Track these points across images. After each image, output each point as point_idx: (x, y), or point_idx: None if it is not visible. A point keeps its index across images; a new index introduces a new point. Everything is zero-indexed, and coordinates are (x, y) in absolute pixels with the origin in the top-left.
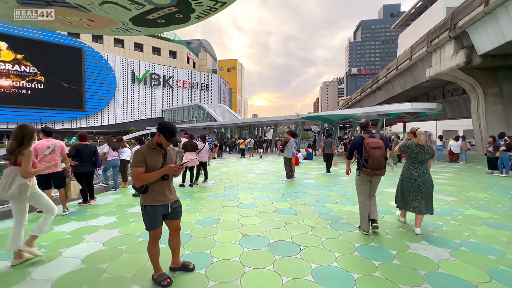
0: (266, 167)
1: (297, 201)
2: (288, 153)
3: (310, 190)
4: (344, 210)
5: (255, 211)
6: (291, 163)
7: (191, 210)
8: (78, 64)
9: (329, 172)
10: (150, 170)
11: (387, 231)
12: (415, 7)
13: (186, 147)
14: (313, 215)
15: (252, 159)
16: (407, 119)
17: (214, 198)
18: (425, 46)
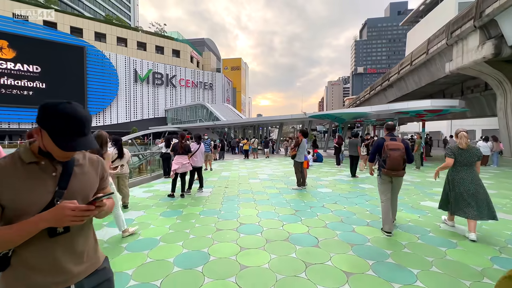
0: (272, 170)
1: (315, 222)
2: (300, 157)
3: (328, 203)
4: (385, 239)
5: (260, 238)
6: (303, 168)
7: (174, 236)
8: (80, 63)
9: (355, 176)
10: (17, 214)
11: None
12: (425, 3)
13: (176, 149)
14: (343, 247)
15: (257, 160)
16: (427, 117)
17: (208, 215)
18: (444, 39)
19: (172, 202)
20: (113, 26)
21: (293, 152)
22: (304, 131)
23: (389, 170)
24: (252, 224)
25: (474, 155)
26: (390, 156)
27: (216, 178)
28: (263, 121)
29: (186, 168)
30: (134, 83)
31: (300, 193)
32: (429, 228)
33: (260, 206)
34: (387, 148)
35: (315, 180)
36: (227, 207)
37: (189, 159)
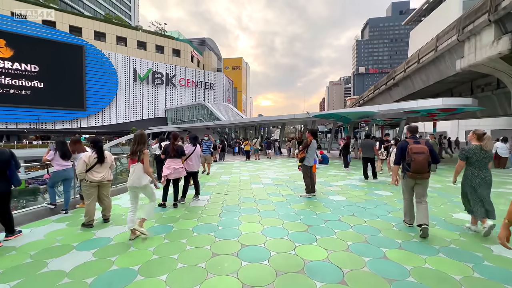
0: (276, 174)
1: (333, 242)
2: (309, 160)
3: (344, 215)
4: (429, 270)
5: (268, 269)
6: (312, 172)
7: (157, 266)
8: (79, 62)
9: (376, 179)
10: None
11: None
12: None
13: (167, 152)
14: (378, 284)
15: (258, 162)
16: (439, 117)
17: (203, 231)
18: (455, 34)
19: (162, 213)
20: (113, 25)
21: (301, 155)
22: (313, 130)
23: (414, 174)
24: (256, 246)
25: (490, 155)
26: (414, 159)
27: (215, 183)
28: (264, 121)
29: (180, 174)
30: (134, 82)
31: (310, 202)
32: (479, 252)
33: (265, 219)
34: (411, 151)
35: (324, 185)
36: (227, 220)
37: (183, 163)
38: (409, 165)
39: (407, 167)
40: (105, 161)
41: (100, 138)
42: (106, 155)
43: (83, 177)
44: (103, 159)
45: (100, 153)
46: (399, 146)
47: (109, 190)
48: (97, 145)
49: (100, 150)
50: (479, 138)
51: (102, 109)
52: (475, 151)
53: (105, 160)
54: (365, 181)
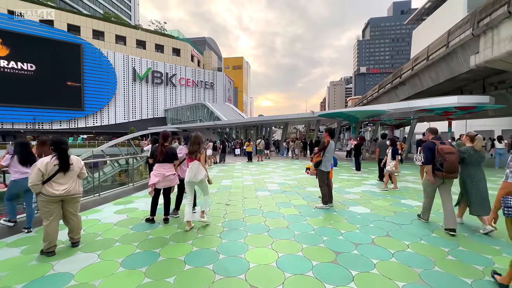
0: (282, 178)
1: (377, 283)
2: (326, 165)
3: (377, 235)
4: None
5: None
6: (329, 179)
7: None
8: (77, 61)
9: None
10: None
11: None
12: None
13: (155, 155)
14: None
15: (262, 164)
16: (456, 116)
17: (198, 263)
18: (469, 29)
19: (149, 232)
20: (112, 23)
21: (317, 158)
22: (330, 130)
23: (447, 173)
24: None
25: (484, 156)
26: (448, 159)
27: (215, 190)
28: (266, 120)
29: (171, 182)
30: (133, 82)
31: (329, 215)
32: None
33: (278, 241)
34: (443, 151)
35: (339, 192)
36: (229, 244)
37: (176, 169)
38: (442, 165)
39: (439, 167)
40: (70, 168)
41: (63, 138)
42: (72, 160)
43: (38, 190)
44: (68, 167)
45: (62, 159)
46: (428, 147)
47: (77, 206)
48: (59, 147)
49: (63, 154)
50: (472, 140)
51: (101, 109)
52: (469, 152)
53: (70, 167)
54: (385, 187)
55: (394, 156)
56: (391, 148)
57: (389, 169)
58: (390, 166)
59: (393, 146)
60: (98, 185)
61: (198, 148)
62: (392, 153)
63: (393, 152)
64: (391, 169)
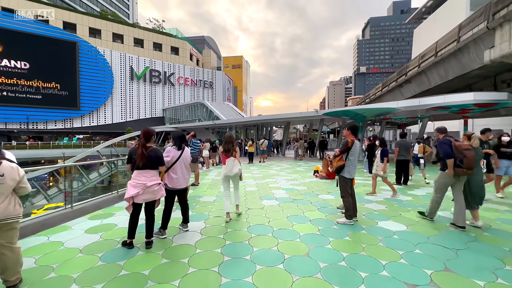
0: (289, 182)
1: None
2: (350, 170)
3: (433, 268)
4: None
5: None
6: (352, 186)
7: None
8: (73, 59)
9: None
10: None
11: None
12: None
13: (133, 160)
14: None
15: (264, 166)
16: (472, 113)
17: None
18: (483, 22)
19: (122, 264)
20: (109, 21)
21: (338, 162)
22: (354, 127)
23: (468, 170)
24: None
25: (480, 153)
26: (468, 155)
27: (214, 197)
28: (267, 119)
29: (155, 194)
30: (130, 81)
31: (357, 235)
32: None
33: (300, 281)
34: (462, 148)
35: (359, 200)
36: (232, 285)
37: (162, 178)
38: (461, 161)
39: (459, 164)
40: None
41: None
42: (3, 167)
43: None
44: None
45: None
46: (445, 144)
47: (11, 236)
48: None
49: None
50: (469, 139)
51: (97, 108)
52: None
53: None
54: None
55: (382, 158)
56: (380, 149)
57: (376, 172)
58: (378, 169)
59: (383, 147)
60: (70, 194)
61: (232, 147)
62: (381, 154)
63: (382, 154)
64: (377, 172)
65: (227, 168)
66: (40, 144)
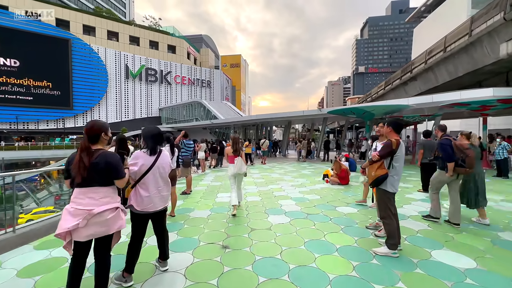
0: (297, 188)
1: None
2: (394, 182)
3: None
4: None
5: None
6: (393, 205)
7: None
8: (65, 57)
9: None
10: None
11: None
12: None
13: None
14: None
15: (265, 168)
16: (494, 111)
17: None
18: (498, 13)
19: None
20: (103, 19)
21: (379, 171)
22: (397, 123)
23: (469, 169)
24: None
25: (478, 151)
26: (470, 155)
27: (208, 212)
28: (268, 119)
29: (108, 227)
30: (125, 79)
31: (412, 277)
32: None
33: None
34: (463, 147)
35: None
36: None
37: (127, 196)
38: (463, 161)
39: (461, 163)
40: None
41: None
42: None
43: None
44: None
45: None
46: (446, 144)
47: None
48: None
49: None
50: (468, 138)
51: (91, 107)
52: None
53: None
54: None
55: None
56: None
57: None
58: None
59: None
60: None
61: (239, 148)
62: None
63: None
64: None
65: (237, 167)
66: (30, 144)
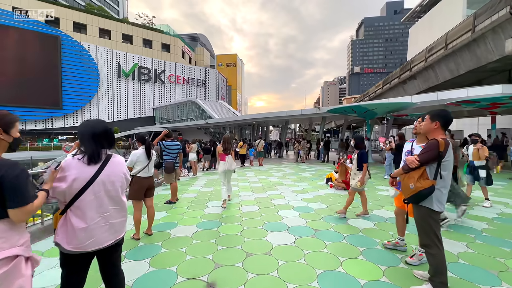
0: (299, 195)
1: None
2: (441, 197)
3: None
4: None
5: None
6: (439, 228)
7: None
8: (54, 55)
9: None
10: None
11: None
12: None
13: None
14: None
15: (262, 170)
16: (504, 109)
17: None
18: (504, 8)
19: None
20: (95, 16)
21: (421, 182)
22: (446, 116)
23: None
24: None
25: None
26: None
27: (194, 229)
28: (264, 118)
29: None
30: (118, 78)
31: None
32: None
33: None
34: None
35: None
36: None
37: (55, 226)
38: None
39: None
40: None
41: None
42: None
43: None
44: None
45: None
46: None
47: None
48: None
49: None
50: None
51: (81, 107)
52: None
53: None
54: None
55: (360, 165)
56: (357, 152)
57: (354, 186)
58: (355, 180)
59: (360, 149)
60: None
61: (230, 146)
62: (358, 159)
63: (360, 158)
64: (354, 184)
65: (227, 164)
66: None
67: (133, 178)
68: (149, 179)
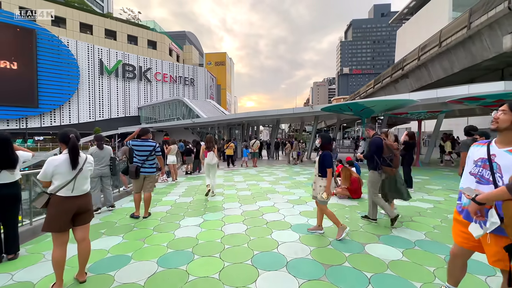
0: (297, 208)
1: None
2: None
3: None
4: None
5: None
6: None
7: None
8: (29, 49)
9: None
10: None
11: None
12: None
13: None
14: None
15: (252, 174)
16: None
17: None
18: (502, 3)
19: None
20: (75, 9)
21: (503, 198)
22: None
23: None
24: None
25: None
26: (397, 155)
27: (150, 270)
28: (254, 117)
29: None
30: (100, 75)
31: None
32: None
33: None
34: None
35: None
36: None
37: None
38: (392, 160)
39: (389, 163)
40: None
41: None
42: None
43: None
44: None
45: None
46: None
47: None
48: None
49: None
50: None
51: (59, 106)
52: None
53: None
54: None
55: (324, 171)
56: (320, 154)
57: (320, 198)
58: (319, 189)
59: (324, 150)
60: None
61: (212, 145)
62: (320, 163)
63: (322, 162)
64: (316, 194)
65: (208, 159)
66: None
67: (50, 198)
68: (79, 200)
